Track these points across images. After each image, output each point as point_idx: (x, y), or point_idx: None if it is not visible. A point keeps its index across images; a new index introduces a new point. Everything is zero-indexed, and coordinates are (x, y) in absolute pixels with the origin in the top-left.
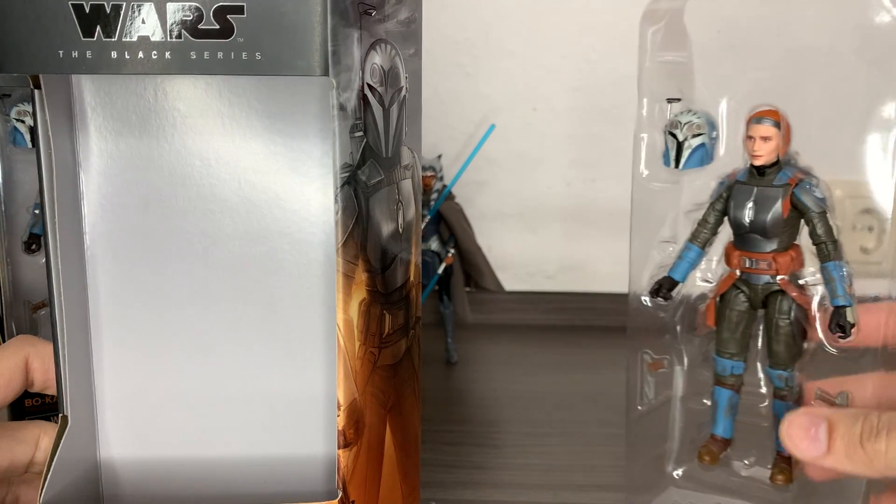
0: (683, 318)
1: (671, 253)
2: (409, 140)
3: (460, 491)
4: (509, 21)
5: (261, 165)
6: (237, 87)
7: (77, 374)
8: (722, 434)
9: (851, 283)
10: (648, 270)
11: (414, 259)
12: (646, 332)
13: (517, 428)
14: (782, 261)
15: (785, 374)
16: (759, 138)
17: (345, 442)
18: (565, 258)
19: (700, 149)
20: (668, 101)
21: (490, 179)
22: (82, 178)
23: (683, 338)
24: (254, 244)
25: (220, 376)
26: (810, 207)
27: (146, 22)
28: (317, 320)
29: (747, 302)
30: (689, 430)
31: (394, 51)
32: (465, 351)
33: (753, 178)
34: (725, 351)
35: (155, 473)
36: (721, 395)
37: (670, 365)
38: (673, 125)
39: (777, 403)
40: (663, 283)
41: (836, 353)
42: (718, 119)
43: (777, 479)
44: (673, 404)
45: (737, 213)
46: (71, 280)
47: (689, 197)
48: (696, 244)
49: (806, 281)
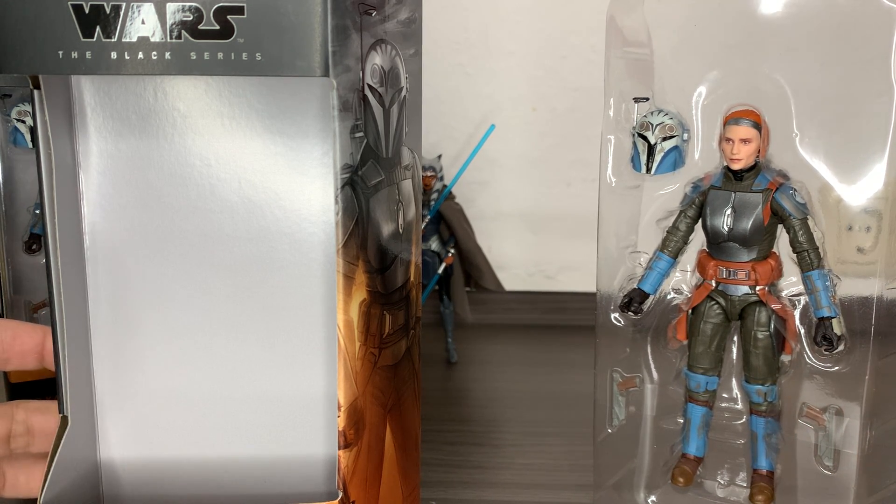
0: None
1: (642, 263)
2: (409, 140)
3: (460, 491)
4: (509, 21)
5: (261, 165)
6: (237, 87)
7: (77, 374)
8: (695, 453)
9: (836, 293)
10: (618, 282)
11: (414, 259)
12: (615, 349)
13: (517, 428)
14: (762, 270)
15: (763, 388)
16: (738, 140)
17: (345, 442)
18: (565, 258)
19: (673, 152)
20: (636, 101)
21: (490, 179)
22: (82, 178)
23: (654, 353)
24: (254, 244)
25: (220, 376)
26: (791, 214)
27: (146, 22)
28: (317, 321)
29: (722, 314)
30: (661, 451)
31: (394, 51)
32: (465, 351)
33: (730, 183)
34: (699, 366)
35: (155, 473)
36: (694, 413)
37: (641, 383)
38: (643, 126)
39: (755, 419)
40: (633, 295)
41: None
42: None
43: (757, 499)
44: (643, 424)
45: (714, 221)
46: (71, 280)
47: (660, 203)
48: (666, 253)
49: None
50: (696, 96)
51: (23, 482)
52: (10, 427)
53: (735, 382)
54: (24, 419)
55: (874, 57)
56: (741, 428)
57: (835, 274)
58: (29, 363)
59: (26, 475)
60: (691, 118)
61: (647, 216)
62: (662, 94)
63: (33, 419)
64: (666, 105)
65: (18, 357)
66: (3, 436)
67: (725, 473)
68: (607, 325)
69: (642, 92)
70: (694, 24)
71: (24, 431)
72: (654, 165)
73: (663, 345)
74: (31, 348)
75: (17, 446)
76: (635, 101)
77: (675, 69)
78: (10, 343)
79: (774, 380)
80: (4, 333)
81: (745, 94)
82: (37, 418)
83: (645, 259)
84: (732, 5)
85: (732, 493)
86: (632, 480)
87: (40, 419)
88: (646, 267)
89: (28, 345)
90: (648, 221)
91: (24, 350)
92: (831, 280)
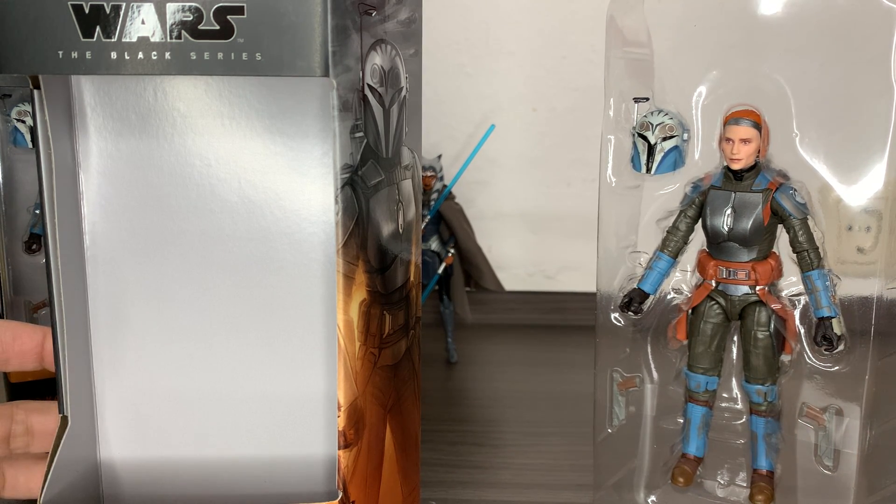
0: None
1: (642, 263)
2: (409, 140)
3: (460, 491)
4: (509, 21)
5: (261, 165)
6: (237, 87)
7: (77, 374)
8: (695, 453)
9: (836, 293)
10: (618, 282)
11: (414, 259)
12: (615, 349)
13: (517, 428)
14: (762, 270)
15: (763, 388)
16: (738, 141)
17: (345, 442)
18: (565, 258)
19: (673, 152)
20: (636, 101)
21: (490, 179)
22: (82, 178)
23: (654, 353)
24: (254, 244)
25: (220, 376)
26: (792, 214)
27: (146, 22)
28: (317, 320)
29: (722, 314)
30: (661, 451)
31: (394, 51)
32: (465, 351)
33: (730, 183)
34: (699, 366)
35: (155, 473)
36: (694, 413)
37: (641, 383)
38: (643, 126)
39: (755, 419)
40: (633, 295)
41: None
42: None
43: (757, 499)
44: (643, 424)
45: (714, 221)
46: (71, 280)
47: (660, 203)
48: (666, 253)
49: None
50: (696, 96)
51: (22, 482)
52: (9, 427)
53: (735, 382)
54: (23, 419)
55: (874, 57)
56: (741, 428)
57: (835, 274)
58: (29, 364)
59: (26, 475)
60: (691, 118)
61: (647, 216)
62: (662, 94)
63: (33, 419)
64: (666, 105)
65: (18, 357)
66: (3, 436)
67: (725, 473)
68: (607, 325)
69: (642, 92)
70: (694, 24)
71: (24, 431)
72: (654, 165)
73: (663, 345)
74: (31, 349)
75: (17, 446)
76: (635, 101)
77: (675, 69)
78: (9, 343)
79: (774, 380)
80: (4, 334)
81: (745, 94)
82: (37, 418)
83: (645, 259)
84: (732, 5)
85: (732, 493)
86: (632, 480)
87: (40, 419)
88: (646, 267)
89: (28, 345)
90: (648, 221)
91: (23, 350)
92: (831, 280)
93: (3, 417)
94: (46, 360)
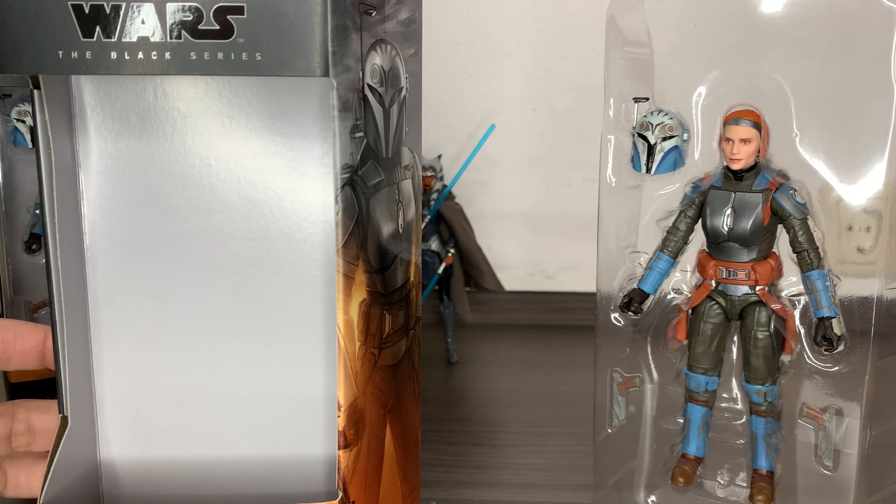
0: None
1: (641, 263)
2: (409, 140)
3: (460, 491)
4: (509, 21)
5: (261, 165)
6: (237, 87)
7: (77, 374)
8: (695, 453)
9: (836, 293)
10: (618, 282)
11: (414, 259)
12: (615, 349)
13: (517, 428)
14: (762, 270)
15: (763, 388)
16: (737, 141)
17: (345, 442)
18: (565, 258)
19: (673, 152)
20: (636, 101)
21: (490, 179)
22: (82, 178)
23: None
24: (254, 244)
25: (220, 376)
26: (791, 214)
27: (146, 22)
28: (317, 320)
29: (722, 314)
30: (661, 451)
31: (394, 51)
32: (465, 351)
33: (730, 183)
34: (699, 366)
35: (155, 473)
36: (694, 413)
37: (641, 383)
38: (643, 126)
39: (755, 419)
40: (633, 295)
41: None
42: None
43: (757, 499)
44: (643, 424)
45: (713, 221)
46: (71, 280)
47: (660, 203)
48: (666, 253)
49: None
50: (696, 96)
51: (23, 482)
52: (11, 426)
53: (735, 382)
54: (25, 418)
55: (874, 57)
56: (741, 428)
57: (835, 274)
58: (30, 363)
59: (27, 475)
60: (691, 118)
61: (647, 216)
62: (662, 94)
63: (34, 418)
64: (666, 105)
65: (20, 356)
66: (5, 435)
67: (725, 473)
68: (607, 325)
69: (642, 92)
70: (694, 24)
71: (26, 430)
72: (654, 165)
73: (663, 345)
74: (33, 348)
75: (19, 445)
76: (635, 101)
77: (675, 69)
78: (11, 342)
79: (774, 380)
80: (6, 333)
81: (745, 94)
82: (38, 417)
83: (645, 259)
84: (732, 5)
85: (732, 493)
86: (632, 480)
87: (41, 418)
88: (646, 267)
89: (30, 344)
90: (648, 221)
91: (25, 349)
92: (831, 280)
93: (5, 416)
94: (48, 358)
